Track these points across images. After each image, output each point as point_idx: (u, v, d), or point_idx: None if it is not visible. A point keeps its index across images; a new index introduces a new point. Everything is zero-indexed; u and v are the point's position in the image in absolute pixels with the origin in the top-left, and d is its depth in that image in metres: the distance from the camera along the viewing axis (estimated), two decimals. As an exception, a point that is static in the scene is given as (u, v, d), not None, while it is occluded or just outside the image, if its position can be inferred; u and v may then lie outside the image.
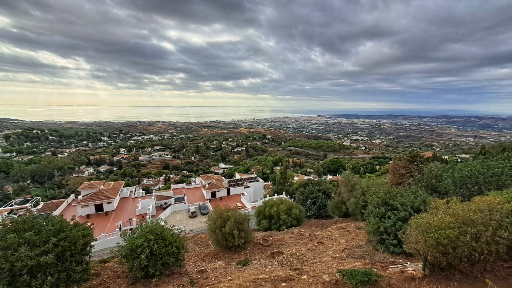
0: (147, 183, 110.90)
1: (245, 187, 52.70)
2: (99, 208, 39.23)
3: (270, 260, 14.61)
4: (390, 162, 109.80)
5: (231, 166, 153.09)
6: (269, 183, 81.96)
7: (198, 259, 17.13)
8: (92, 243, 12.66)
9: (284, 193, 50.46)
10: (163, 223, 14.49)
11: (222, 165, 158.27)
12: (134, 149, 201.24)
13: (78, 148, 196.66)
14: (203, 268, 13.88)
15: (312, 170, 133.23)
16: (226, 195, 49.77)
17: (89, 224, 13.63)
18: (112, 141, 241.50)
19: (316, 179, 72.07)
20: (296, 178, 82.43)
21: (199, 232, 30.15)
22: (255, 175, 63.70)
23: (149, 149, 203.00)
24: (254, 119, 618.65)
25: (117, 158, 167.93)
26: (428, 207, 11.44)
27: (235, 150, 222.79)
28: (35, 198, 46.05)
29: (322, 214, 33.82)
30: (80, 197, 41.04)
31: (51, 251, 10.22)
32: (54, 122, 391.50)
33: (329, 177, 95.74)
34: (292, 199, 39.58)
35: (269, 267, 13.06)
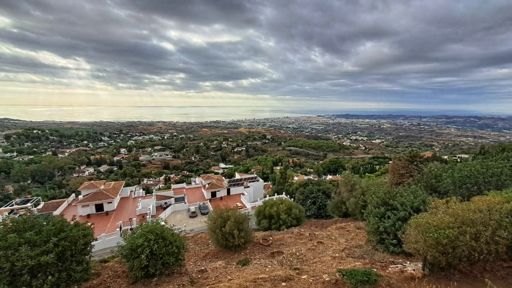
0: (147, 183, 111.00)
1: (245, 187, 52.72)
2: (99, 208, 39.28)
3: (270, 259, 14.63)
4: (389, 162, 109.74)
5: (231, 166, 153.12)
6: (269, 183, 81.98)
7: (198, 259, 17.16)
8: (92, 243, 12.66)
9: (284, 193, 50.47)
10: (163, 223, 14.51)
11: (222, 165, 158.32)
12: (134, 149, 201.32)
13: (78, 148, 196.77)
14: (203, 267, 13.91)
15: (312, 170, 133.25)
16: (226, 195, 49.80)
17: (89, 224, 13.66)
18: (112, 141, 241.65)
19: (316, 179, 72.06)
20: (296, 178, 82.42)
21: (199, 232, 30.19)
22: (255, 175, 63.73)
23: (149, 149, 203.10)
24: (254, 119, 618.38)
25: (118, 158, 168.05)
26: (427, 207, 11.45)
27: (235, 150, 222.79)
28: (35, 198, 46.11)
29: (322, 214, 33.83)
30: (80, 197, 41.09)
31: (52, 251, 10.23)
32: (54, 122, 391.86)
33: (329, 177, 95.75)
34: (292, 199, 39.58)
35: (269, 266, 13.08)
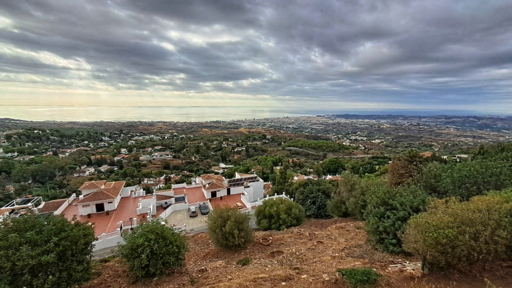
0: (147, 183, 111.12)
1: (245, 187, 52.75)
2: (100, 207, 39.33)
3: (270, 259, 14.67)
4: (389, 162, 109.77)
5: (231, 166, 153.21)
6: (269, 182, 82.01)
7: (198, 259, 17.20)
8: (93, 243, 12.68)
9: (284, 192, 50.49)
10: (163, 223, 14.55)
11: (222, 165, 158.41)
12: (134, 149, 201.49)
13: (79, 148, 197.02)
14: (203, 267, 13.94)
15: (311, 170, 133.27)
16: (226, 194, 49.82)
17: (90, 223, 13.70)
18: (113, 141, 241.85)
19: (315, 179, 72.06)
20: (296, 178, 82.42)
21: (200, 231, 30.24)
22: (255, 175, 63.74)
23: (150, 149, 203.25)
24: (254, 119, 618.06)
25: (118, 158, 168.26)
26: (427, 206, 11.47)
27: (235, 150, 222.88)
28: (36, 197, 46.20)
29: (321, 213, 33.85)
30: (81, 196, 41.13)
31: (52, 251, 10.26)
32: (55, 122, 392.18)
33: (329, 177, 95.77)
34: (292, 199, 39.60)
35: (269, 266, 13.11)
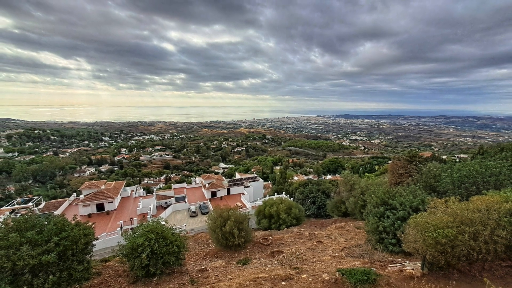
0: (148, 182, 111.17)
1: (245, 187, 52.77)
2: (100, 207, 39.38)
3: (270, 259, 14.69)
4: (389, 162, 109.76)
5: (231, 166, 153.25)
6: (269, 182, 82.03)
7: (198, 258, 17.23)
8: (93, 242, 12.70)
9: (284, 192, 50.52)
10: (163, 223, 14.57)
11: (222, 165, 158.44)
12: (135, 149, 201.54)
13: (79, 148, 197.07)
14: (203, 267, 13.96)
15: (311, 170, 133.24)
16: (226, 194, 49.85)
17: (90, 223, 13.72)
18: (113, 141, 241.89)
19: (315, 179, 72.09)
20: (295, 177, 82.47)
21: (200, 231, 30.26)
22: (255, 175, 63.76)
23: (150, 149, 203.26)
24: (254, 119, 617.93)
25: (118, 158, 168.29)
26: (426, 206, 11.48)
27: (235, 150, 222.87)
28: (36, 197, 46.24)
29: (321, 213, 33.86)
30: (81, 196, 41.18)
31: (53, 250, 10.28)
32: (55, 122, 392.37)
33: (329, 177, 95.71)
34: (291, 199, 39.62)
35: (269, 266, 13.14)
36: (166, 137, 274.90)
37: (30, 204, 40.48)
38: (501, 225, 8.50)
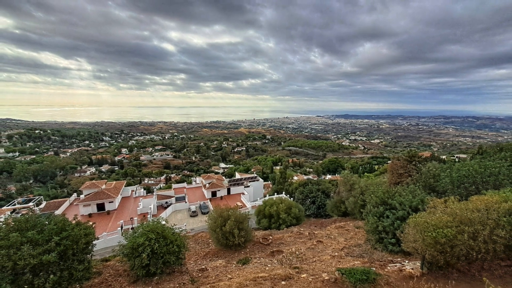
0: (148, 182, 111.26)
1: (245, 187, 52.82)
2: (101, 207, 39.44)
3: (270, 258, 14.72)
4: (388, 162, 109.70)
5: (231, 165, 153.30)
6: (269, 182, 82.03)
7: (198, 258, 17.27)
8: (94, 242, 12.70)
9: (283, 192, 50.55)
10: (164, 222, 14.58)
11: (222, 165, 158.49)
12: (135, 149, 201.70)
13: (80, 148, 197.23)
14: (203, 266, 13.99)
15: (311, 169, 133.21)
16: (226, 194, 49.90)
17: (91, 223, 13.75)
18: (113, 141, 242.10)
19: (315, 179, 72.08)
20: (295, 177, 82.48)
21: (200, 231, 30.30)
22: (255, 175, 63.78)
23: (150, 149, 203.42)
24: (254, 119, 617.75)
25: (119, 158, 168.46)
26: (426, 206, 11.51)
27: (235, 150, 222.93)
28: (37, 197, 46.32)
29: (321, 213, 33.89)
30: (82, 196, 41.23)
31: (54, 250, 10.29)
32: (56, 122, 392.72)
33: (328, 177, 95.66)
34: (291, 199, 39.66)
35: (269, 265, 13.17)
36: (166, 137, 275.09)
37: (30, 204, 40.56)
38: (500, 225, 8.53)
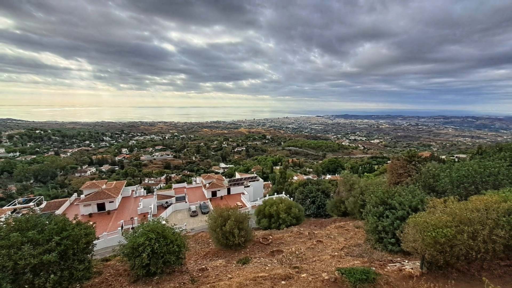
0: (148, 182, 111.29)
1: (245, 187, 52.84)
2: (101, 207, 39.47)
3: (270, 258, 14.75)
4: (388, 162, 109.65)
5: (231, 165, 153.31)
6: (269, 182, 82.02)
7: (199, 258, 17.30)
8: (94, 242, 12.77)
9: (283, 192, 50.56)
10: (164, 222, 14.61)
11: (222, 165, 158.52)
12: (135, 149, 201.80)
13: (80, 148, 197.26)
14: (203, 266, 14.03)
15: (311, 169, 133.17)
16: (226, 194, 49.91)
17: (91, 223, 13.79)
18: (114, 141, 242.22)
19: (315, 179, 72.10)
20: (295, 177, 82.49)
21: (200, 231, 30.33)
22: (255, 175, 63.81)
23: (151, 149, 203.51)
24: (254, 119, 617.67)
25: (119, 158, 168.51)
26: (425, 206, 11.52)
27: (235, 150, 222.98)
28: (38, 197, 46.33)
29: (321, 213, 33.90)
30: (82, 196, 41.27)
31: (54, 250, 10.34)
32: (56, 122, 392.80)
33: (328, 177, 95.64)
34: (291, 198, 39.68)
35: (269, 265, 13.19)
36: (166, 137, 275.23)
37: (31, 203, 40.59)
38: (499, 225, 8.55)
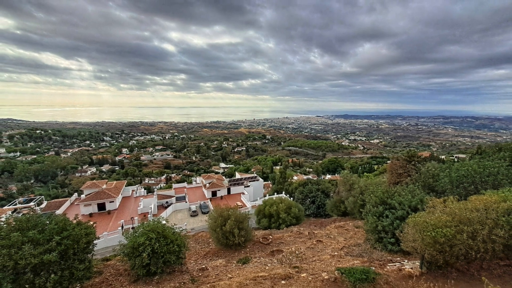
0: (148, 182, 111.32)
1: (245, 187, 52.86)
2: (101, 207, 39.53)
3: (269, 258, 14.77)
4: (388, 161, 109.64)
5: (231, 165, 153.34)
6: (269, 182, 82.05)
7: (199, 257, 17.33)
8: (94, 242, 12.80)
9: (283, 192, 50.58)
10: (164, 222, 14.64)
11: (222, 165, 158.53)
12: (136, 149, 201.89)
13: (81, 148, 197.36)
14: (204, 266, 14.05)
15: (311, 169, 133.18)
16: (226, 194, 49.94)
17: (91, 222, 13.83)
18: (114, 141, 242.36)
19: (315, 179, 72.14)
20: (295, 177, 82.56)
21: (200, 230, 30.37)
22: (255, 175, 63.81)
23: (151, 149, 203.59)
24: (254, 119, 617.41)
25: (119, 158, 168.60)
26: (425, 206, 11.53)
27: (235, 150, 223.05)
28: (38, 197, 46.38)
29: (321, 213, 33.93)
30: (83, 196, 41.32)
31: (54, 250, 10.37)
32: (57, 122, 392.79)
33: (328, 177, 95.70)
34: (291, 198, 39.69)
35: (268, 265, 13.21)
36: (166, 137, 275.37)
37: (31, 203, 40.63)
38: (499, 225, 8.56)
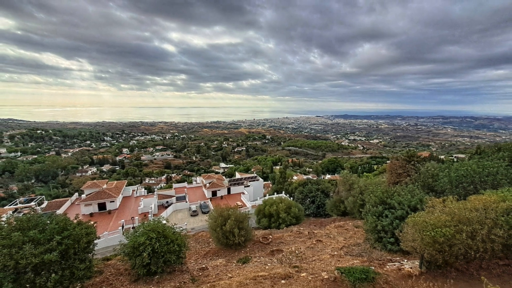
0: (149, 182, 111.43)
1: (245, 186, 52.86)
2: (102, 207, 39.59)
3: (269, 257, 14.80)
4: (387, 161, 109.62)
5: (231, 165, 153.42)
6: (269, 182, 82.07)
7: (199, 257, 17.37)
8: (95, 241, 12.85)
9: (283, 192, 50.59)
10: (164, 222, 14.69)
11: (222, 165, 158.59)
12: (136, 149, 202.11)
13: (81, 148, 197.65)
14: (204, 265, 14.09)
15: (311, 169, 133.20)
16: (226, 194, 49.97)
17: (92, 222, 13.85)
18: (114, 141, 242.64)
19: (315, 179, 72.09)
20: (295, 177, 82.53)
21: (200, 230, 30.41)
22: (255, 175, 63.82)
23: (151, 149, 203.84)
24: (254, 119, 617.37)
25: (120, 158, 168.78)
26: (424, 206, 11.55)
27: (235, 150, 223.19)
28: (39, 197, 46.44)
29: (320, 212, 33.97)
30: (83, 196, 41.36)
31: (55, 249, 10.42)
32: (58, 122, 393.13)
33: (328, 177, 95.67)
34: (291, 198, 39.73)
35: (268, 264, 13.24)
36: (167, 137, 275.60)
37: (32, 203, 40.69)
38: (498, 224, 8.57)
